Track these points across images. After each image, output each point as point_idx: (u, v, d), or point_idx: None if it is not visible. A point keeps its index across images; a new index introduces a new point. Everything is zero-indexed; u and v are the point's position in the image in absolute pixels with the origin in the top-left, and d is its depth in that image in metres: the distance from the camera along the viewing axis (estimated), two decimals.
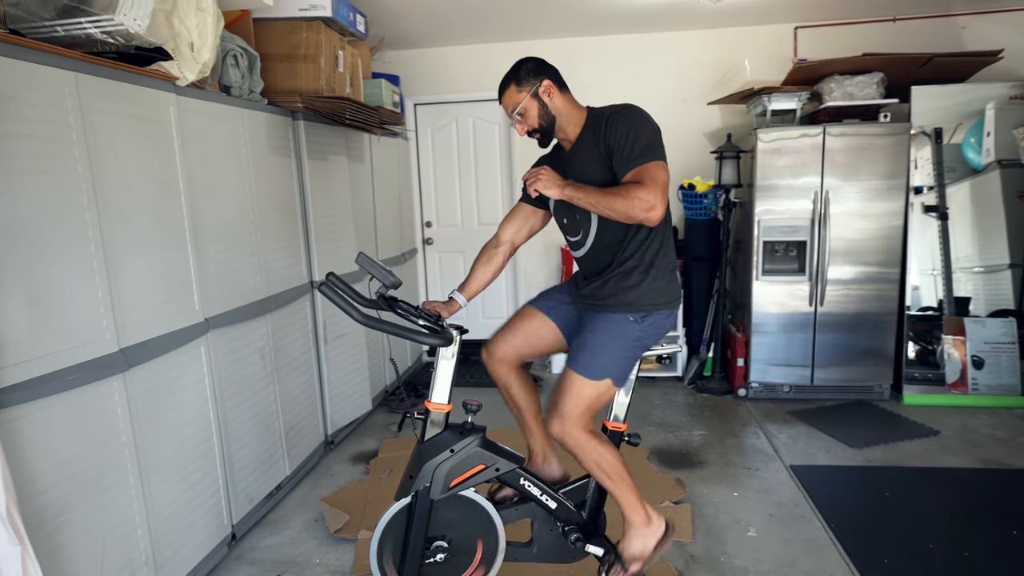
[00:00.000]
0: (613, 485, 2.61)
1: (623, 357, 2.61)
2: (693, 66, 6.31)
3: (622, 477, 2.61)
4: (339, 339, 4.58)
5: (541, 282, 6.88)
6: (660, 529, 2.70)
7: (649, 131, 2.48)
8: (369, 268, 2.41)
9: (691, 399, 5.57)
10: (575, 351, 2.63)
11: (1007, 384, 5.11)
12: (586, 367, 2.55)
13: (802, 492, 3.83)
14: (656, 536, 2.69)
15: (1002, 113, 5.10)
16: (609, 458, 2.58)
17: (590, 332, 2.62)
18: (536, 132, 2.68)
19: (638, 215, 2.35)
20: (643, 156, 2.42)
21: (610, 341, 2.59)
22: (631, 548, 2.67)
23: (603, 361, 2.56)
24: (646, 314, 2.60)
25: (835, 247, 5.20)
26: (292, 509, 3.82)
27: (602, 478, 2.61)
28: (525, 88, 2.61)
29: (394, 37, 6.06)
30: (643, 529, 2.67)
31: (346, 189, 4.75)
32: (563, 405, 2.54)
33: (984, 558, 3.17)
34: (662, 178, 2.39)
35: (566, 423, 2.53)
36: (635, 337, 2.61)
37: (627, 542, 2.68)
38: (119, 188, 2.57)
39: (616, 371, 2.59)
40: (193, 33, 2.83)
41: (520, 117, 2.65)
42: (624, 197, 2.35)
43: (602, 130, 2.51)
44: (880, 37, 5.84)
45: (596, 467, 2.58)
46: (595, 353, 2.58)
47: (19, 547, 1.90)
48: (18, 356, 2.10)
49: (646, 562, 2.68)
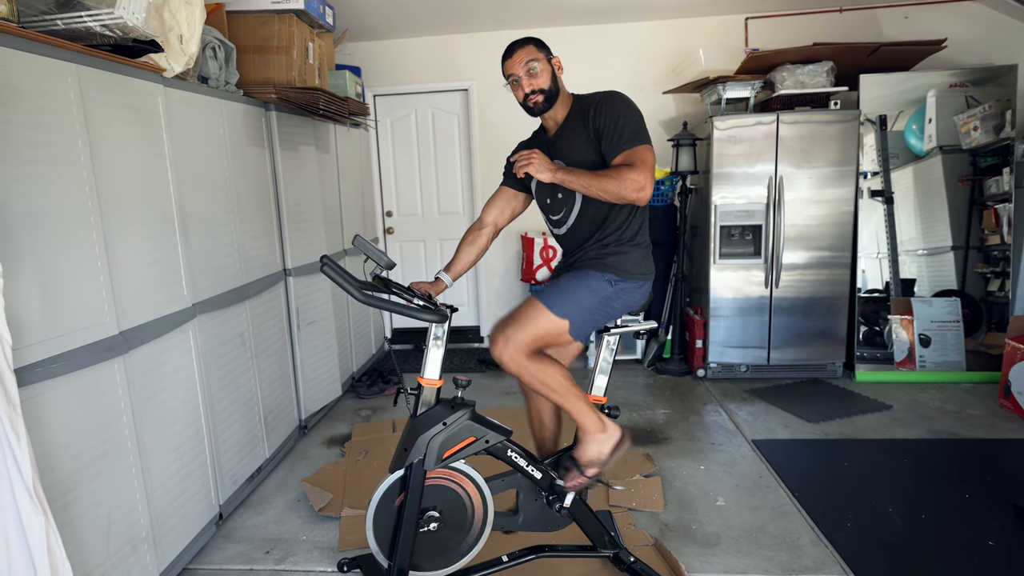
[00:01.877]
0: (561, 398, 2.68)
1: (588, 308, 2.71)
2: (648, 56, 6.47)
3: (568, 389, 2.67)
4: (311, 326, 4.65)
5: (501, 270, 7.02)
6: (615, 435, 2.79)
7: (637, 116, 2.63)
8: (365, 250, 2.52)
9: (651, 380, 5.76)
10: (545, 288, 2.75)
11: (953, 360, 5.38)
12: (552, 301, 2.65)
13: (765, 464, 4.02)
14: (611, 442, 2.78)
15: (943, 100, 5.35)
16: (552, 373, 2.64)
17: (566, 278, 2.76)
18: (540, 93, 2.71)
19: (630, 195, 2.49)
20: (632, 140, 2.57)
21: (582, 287, 2.70)
22: (587, 453, 2.77)
23: (569, 303, 2.67)
24: (620, 279, 2.73)
25: (789, 233, 5.41)
26: (273, 490, 3.90)
27: (549, 394, 2.67)
28: (543, 52, 2.72)
29: (354, 28, 6.11)
30: (598, 435, 2.76)
31: (315, 179, 4.82)
32: (514, 328, 2.60)
33: (940, 519, 3.38)
34: (650, 160, 2.54)
35: (510, 345, 2.58)
36: (605, 295, 2.72)
37: (582, 448, 2.78)
38: (115, 177, 2.64)
39: (578, 317, 2.68)
40: (183, 26, 2.90)
41: (533, 70, 2.69)
42: (616, 178, 2.48)
43: (591, 114, 2.64)
44: (827, 27, 6.08)
45: (541, 384, 2.64)
46: (564, 293, 2.69)
47: (43, 517, 1.97)
48: (32, 337, 2.17)
49: (603, 466, 2.77)
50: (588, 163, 2.66)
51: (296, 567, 3.16)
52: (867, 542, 3.19)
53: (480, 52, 6.53)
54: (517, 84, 2.74)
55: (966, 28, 5.95)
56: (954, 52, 5.79)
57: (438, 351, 2.65)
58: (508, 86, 2.79)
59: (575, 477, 2.78)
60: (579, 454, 2.79)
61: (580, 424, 2.76)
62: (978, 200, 5.42)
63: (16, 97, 2.15)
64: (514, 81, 2.75)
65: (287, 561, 3.21)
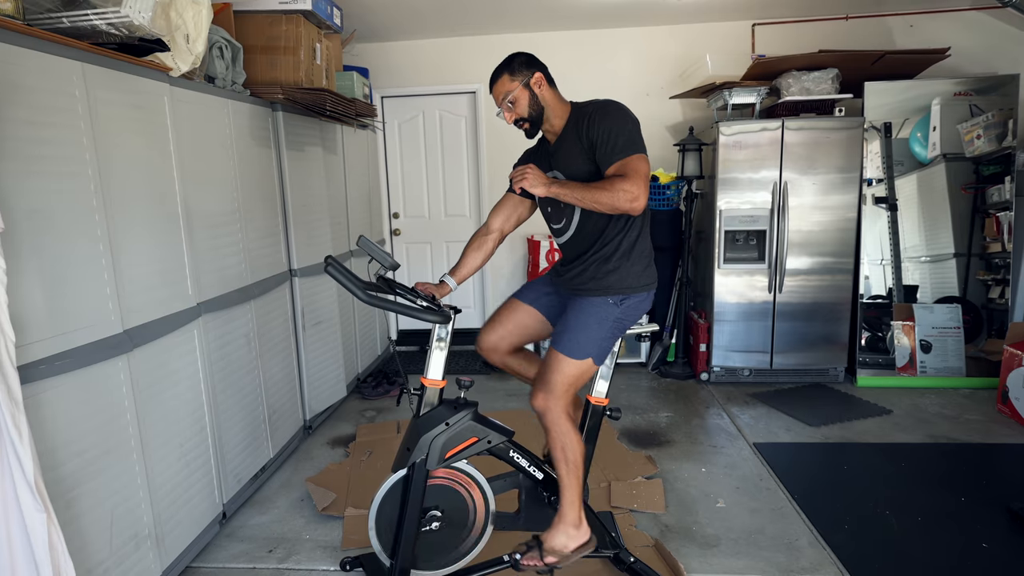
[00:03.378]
0: (567, 474, 2.73)
1: (603, 337, 2.76)
2: (655, 61, 6.49)
3: (578, 469, 2.74)
4: (316, 326, 4.67)
5: (507, 273, 7.04)
6: (585, 536, 2.81)
7: (630, 125, 2.63)
8: (369, 250, 2.55)
9: (655, 383, 5.78)
10: (559, 333, 2.78)
11: (953, 366, 5.39)
12: (569, 348, 2.71)
13: (766, 467, 4.04)
14: (579, 540, 2.79)
15: (947, 108, 5.36)
16: (575, 446, 2.72)
17: (573, 314, 2.78)
18: (524, 121, 2.79)
19: (623, 206, 2.51)
20: (625, 150, 2.57)
21: (591, 323, 2.74)
22: (554, 540, 2.78)
23: (584, 342, 2.72)
24: (624, 297, 2.75)
25: (793, 239, 5.42)
26: (277, 490, 3.92)
27: (560, 461, 2.72)
28: (518, 78, 2.72)
29: (363, 30, 6.14)
30: (571, 529, 2.78)
31: (322, 180, 4.84)
32: (549, 382, 2.69)
33: (936, 523, 3.40)
34: (643, 170, 2.54)
35: (550, 398, 2.68)
36: (615, 318, 2.76)
37: (553, 533, 2.79)
38: (120, 175, 2.65)
39: (596, 351, 2.75)
40: (189, 25, 2.92)
41: (511, 105, 2.75)
42: (609, 190, 2.50)
43: (585, 126, 2.65)
44: (834, 34, 6.08)
45: (561, 450, 2.71)
46: (577, 334, 2.73)
47: (45, 515, 1.99)
48: (36, 335, 2.19)
49: (561, 560, 2.78)
50: (585, 174, 2.67)
51: (299, 566, 3.18)
52: (864, 544, 3.21)
53: (488, 55, 6.44)
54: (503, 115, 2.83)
55: (970, 37, 5.97)
56: (958, 61, 5.81)
57: (441, 352, 2.67)
58: (500, 114, 2.85)
59: (532, 558, 2.80)
60: (546, 538, 2.80)
61: (563, 510, 2.78)
62: (981, 208, 5.43)
63: (21, 95, 2.17)
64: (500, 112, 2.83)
65: (290, 560, 3.23)
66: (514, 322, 3.03)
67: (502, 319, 3.04)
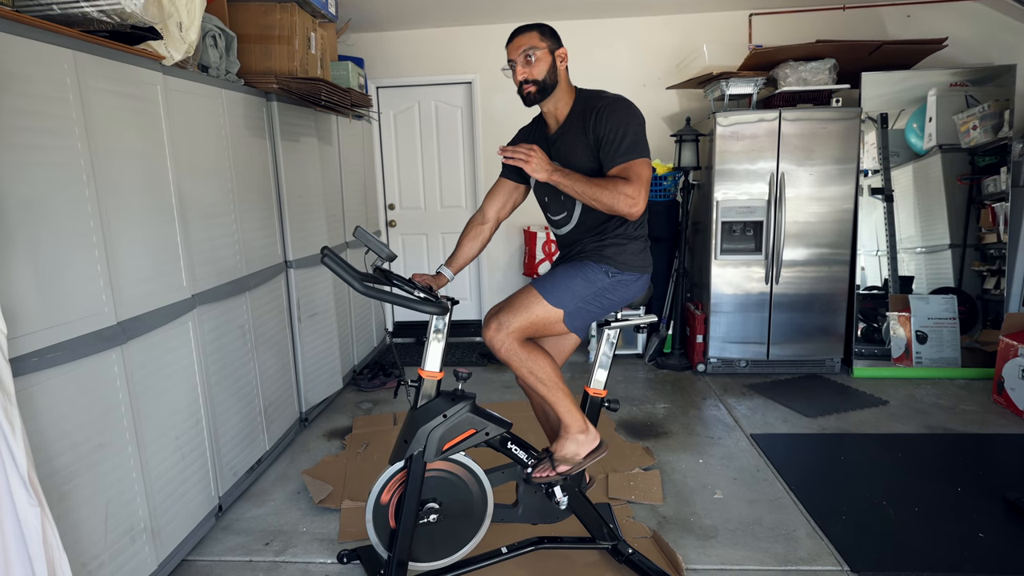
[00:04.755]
0: (548, 391, 2.69)
1: (583, 298, 2.70)
2: (652, 52, 6.47)
3: (556, 384, 2.68)
4: (312, 318, 4.65)
5: (503, 264, 7.03)
6: (594, 441, 2.81)
7: (637, 126, 2.60)
8: (366, 241, 2.52)
9: (652, 375, 5.77)
10: (543, 277, 2.75)
11: (949, 357, 5.40)
12: (547, 289, 2.66)
13: (763, 458, 4.03)
14: (589, 446, 2.79)
15: (943, 99, 5.35)
16: (543, 365, 2.66)
17: (563, 267, 2.76)
18: (534, 84, 2.67)
19: (622, 209, 2.49)
20: (630, 152, 2.54)
21: (578, 276, 2.69)
22: (563, 449, 2.78)
23: (564, 291, 2.67)
24: (618, 271, 2.72)
25: (790, 230, 5.41)
26: (273, 483, 3.90)
27: (536, 385, 2.68)
28: (547, 41, 2.65)
29: (358, 19, 6.10)
30: (578, 435, 2.77)
31: (317, 170, 4.82)
32: (508, 314, 2.62)
33: (933, 512, 3.41)
34: (646, 175, 2.52)
35: (502, 330, 2.60)
36: (601, 286, 2.71)
37: (560, 443, 2.79)
38: (113, 165, 2.63)
39: (572, 306, 2.68)
40: (182, 13, 2.88)
41: (530, 60, 2.63)
42: (610, 191, 2.48)
43: (592, 121, 2.61)
44: (831, 24, 6.07)
45: (530, 374, 2.66)
46: (560, 282, 2.69)
47: (39, 508, 1.97)
48: (28, 327, 2.16)
49: (574, 467, 2.78)
50: (587, 169, 2.64)
51: (296, 559, 3.16)
52: (861, 534, 3.21)
53: (484, 45, 6.52)
54: (514, 70, 2.69)
55: (967, 28, 5.96)
56: (955, 51, 5.80)
57: (439, 344, 2.65)
58: (507, 70, 2.72)
59: (545, 469, 2.79)
60: (555, 448, 2.80)
61: (563, 420, 2.77)
62: (976, 199, 5.42)
63: (11, 82, 2.14)
64: (512, 66, 2.69)
65: (287, 553, 3.21)
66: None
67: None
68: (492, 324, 2.62)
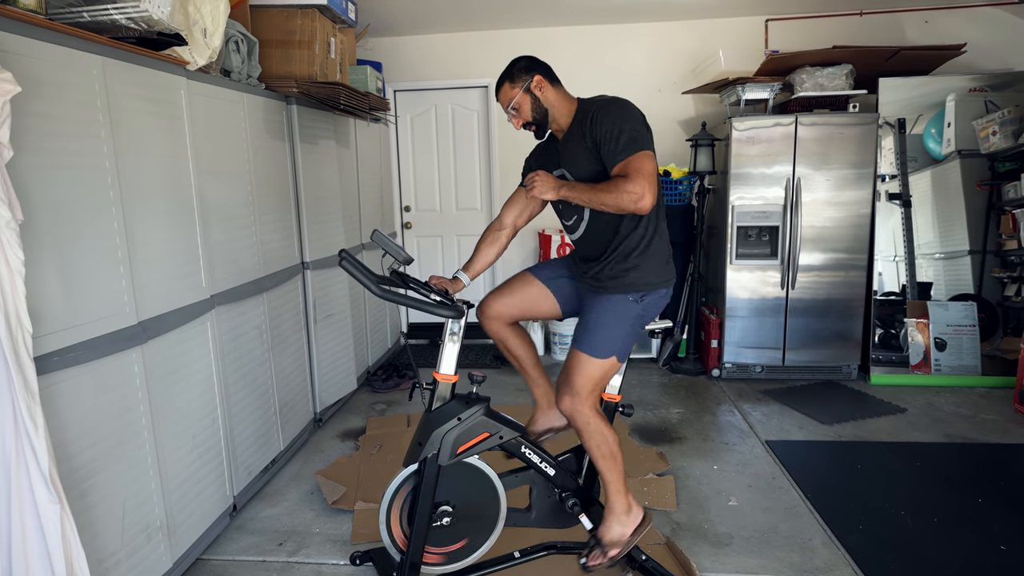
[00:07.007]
0: (606, 468, 2.74)
1: (625, 335, 2.75)
2: (668, 57, 6.48)
3: (616, 461, 2.74)
4: (327, 319, 4.68)
5: (517, 266, 7.00)
6: (639, 517, 2.82)
7: (633, 122, 2.60)
8: (383, 244, 2.54)
9: (666, 379, 5.76)
10: (580, 332, 2.77)
11: (968, 364, 5.36)
12: (592, 347, 2.70)
13: (778, 465, 4.02)
14: (634, 524, 2.80)
15: (962, 105, 5.33)
16: (610, 441, 2.72)
17: (594, 314, 2.76)
18: (530, 125, 2.79)
19: (629, 207, 2.49)
20: (627, 149, 2.54)
21: (612, 321, 2.73)
22: (610, 533, 2.79)
23: (607, 341, 2.71)
24: (645, 293, 2.74)
25: (806, 234, 5.39)
26: (287, 483, 3.92)
27: (598, 458, 2.73)
28: (518, 84, 2.72)
29: (376, 24, 6.13)
30: (623, 516, 2.78)
31: (334, 173, 4.84)
32: (574, 384, 2.68)
33: (952, 523, 3.37)
34: (648, 168, 2.51)
35: (576, 400, 2.67)
36: (636, 315, 2.75)
37: (607, 527, 2.80)
38: (137, 168, 2.66)
39: (620, 348, 2.74)
40: (207, 19, 2.92)
41: (515, 112, 2.75)
42: (613, 192, 2.49)
43: (588, 125, 2.63)
44: (847, 30, 6.05)
45: (596, 448, 2.72)
46: (599, 334, 2.72)
47: (58, 506, 2.00)
48: (52, 326, 2.19)
49: (624, 547, 2.79)
50: (591, 173, 2.67)
51: (309, 559, 3.18)
52: (879, 544, 3.19)
53: (500, 49, 6.53)
54: (511, 121, 2.83)
55: (986, 33, 5.92)
56: (974, 57, 5.75)
57: (454, 346, 2.67)
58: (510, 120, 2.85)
59: (597, 557, 2.81)
60: (602, 533, 2.81)
61: (610, 501, 2.79)
62: (996, 205, 5.39)
63: (42, 88, 2.17)
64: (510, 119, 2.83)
65: (300, 553, 3.23)
66: (524, 295, 3.00)
67: (513, 289, 3.02)
68: (565, 398, 2.71)
